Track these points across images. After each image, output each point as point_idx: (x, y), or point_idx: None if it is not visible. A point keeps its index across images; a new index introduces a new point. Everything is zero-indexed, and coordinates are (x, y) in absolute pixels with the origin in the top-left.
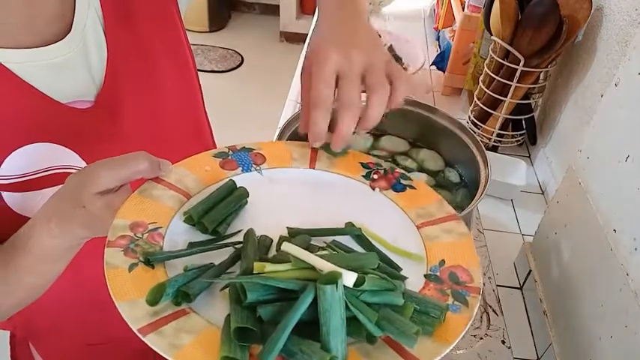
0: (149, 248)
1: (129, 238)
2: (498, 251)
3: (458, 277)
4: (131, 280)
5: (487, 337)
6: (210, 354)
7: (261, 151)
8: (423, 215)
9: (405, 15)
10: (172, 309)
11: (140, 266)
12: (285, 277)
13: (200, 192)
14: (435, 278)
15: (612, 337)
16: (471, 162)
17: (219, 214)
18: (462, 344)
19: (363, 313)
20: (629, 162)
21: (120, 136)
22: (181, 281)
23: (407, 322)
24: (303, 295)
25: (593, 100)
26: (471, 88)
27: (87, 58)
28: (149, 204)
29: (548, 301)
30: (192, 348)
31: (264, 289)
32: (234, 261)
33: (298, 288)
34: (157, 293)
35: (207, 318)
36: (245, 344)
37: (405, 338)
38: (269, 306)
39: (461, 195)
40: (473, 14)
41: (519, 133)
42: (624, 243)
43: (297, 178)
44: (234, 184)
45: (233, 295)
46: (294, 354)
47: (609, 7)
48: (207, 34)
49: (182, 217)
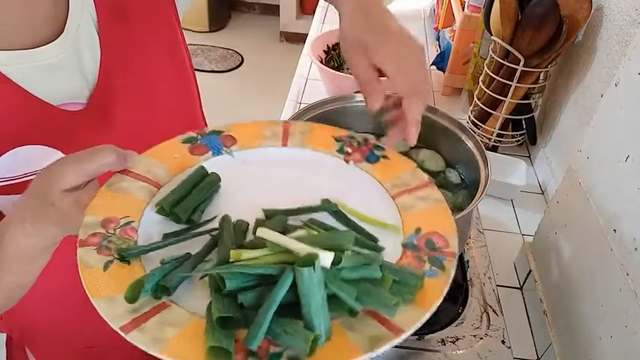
0: (123, 244)
1: (101, 235)
2: (498, 251)
3: (434, 243)
4: (107, 278)
5: (487, 337)
6: (195, 345)
7: (231, 133)
8: (398, 185)
9: (405, 15)
10: (153, 303)
11: (115, 263)
12: (263, 263)
13: (170, 181)
14: (412, 246)
15: (612, 337)
16: (471, 162)
17: (192, 202)
18: (462, 344)
19: (343, 290)
20: (629, 162)
21: (112, 138)
22: (159, 275)
23: (386, 295)
24: (281, 279)
25: (593, 100)
26: (471, 88)
27: (80, 59)
28: (119, 198)
29: (548, 301)
30: (176, 341)
31: (243, 276)
32: (210, 249)
33: (277, 272)
34: (135, 290)
35: (189, 308)
36: (230, 331)
37: (386, 309)
38: (249, 292)
39: (461, 195)
40: (473, 14)
41: (519, 133)
42: (624, 243)
43: (270, 158)
44: (205, 170)
45: (213, 284)
46: (278, 335)
47: (609, 7)
48: (207, 34)
49: (154, 208)
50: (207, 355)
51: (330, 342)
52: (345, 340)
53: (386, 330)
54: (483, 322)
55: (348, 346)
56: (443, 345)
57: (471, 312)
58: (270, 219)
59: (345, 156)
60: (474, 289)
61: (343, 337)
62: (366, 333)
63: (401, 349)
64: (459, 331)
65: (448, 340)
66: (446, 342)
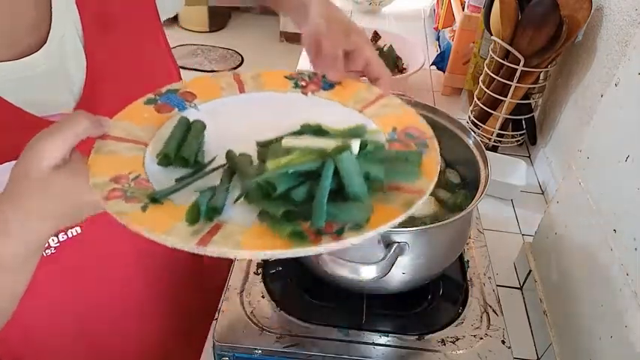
0: (147, 190)
1: (120, 189)
2: (498, 251)
3: (412, 134)
4: (151, 216)
5: (487, 337)
6: (268, 241)
7: (188, 89)
8: (359, 101)
9: (405, 15)
10: (208, 225)
11: (150, 206)
12: (301, 162)
13: (154, 136)
14: (396, 140)
15: (612, 337)
16: (471, 162)
17: (192, 145)
18: (462, 344)
19: (373, 170)
20: (629, 162)
21: None
22: (209, 195)
23: (405, 166)
24: (325, 168)
25: (593, 100)
26: (471, 88)
27: (65, 69)
28: (113, 159)
29: (548, 301)
30: (250, 241)
31: (288, 177)
32: (229, 179)
33: (318, 166)
34: (193, 212)
35: (241, 224)
36: (294, 221)
37: (406, 176)
38: (298, 188)
39: (461, 195)
40: (473, 14)
41: (519, 133)
42: (624, 243)
43: (233, 105)
44: (187, 119)
45: (259, 195)
46: (336, 215)
47: (609, 7)
48: (207, 34)
49: (155, 159)
50: (289, 240)
51: (374, 212)
52: (384, 208)
53: (411, 194)
54: (483, 322)
55: (390, 211)
56: (443, 345)
57: (471, 312)
58: (266, 147)
59: (302, 89)
60: (474, 289)
61: (382, 206)
62: (397, 200)
63: (401, 349)
64: (459, 331)
65: (448, 340)
66: (446, 342)
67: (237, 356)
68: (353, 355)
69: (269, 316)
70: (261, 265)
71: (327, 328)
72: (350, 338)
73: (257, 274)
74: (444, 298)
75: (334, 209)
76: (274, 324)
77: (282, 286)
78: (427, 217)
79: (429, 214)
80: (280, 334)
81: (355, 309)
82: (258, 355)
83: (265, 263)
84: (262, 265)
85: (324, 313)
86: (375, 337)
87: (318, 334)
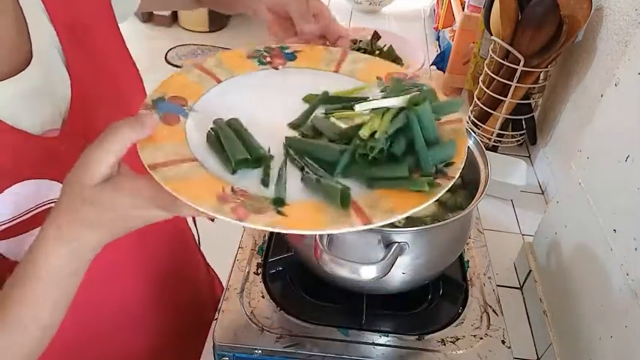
0: (258, 198)
1: (239, 204)
2: (498, 251)
3: (399, 78)
4: (295, 215)
5: (487, 337)
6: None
7: (171, 94)
8: (328, 63)
9: (405, 15)
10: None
11: (283, 209)
12: (390, 121)
13: (193, 149)
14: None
15: (612, 337)
16: (471, 162)
17: (251, 143)
18: (462, 344)
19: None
20: (629, 162)
21: None
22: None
23: (440, 101)
24: (411, 121)
25: (593, 100)
26: (471, 88)
27: (51, 84)
28: (189, 184)
29: (548, 301)
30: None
31: (386, 138)
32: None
33: (405, 122)
34: (345, 198)
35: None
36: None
37: (451, 106)
38: (395, 145)
39: (461, 195)
40: (473, 14)
41: (519, 133)
42: (624, 243)
43: (221, 97)
44: (223, 121)
45: (365, 163)
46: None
47: (609, 7)
48: (207, 34)
49: (227, 169)
50: (427, 194)
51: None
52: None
53: (457, 124)
54: (483, 322)
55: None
56: (443, 345)
57: (471, 312)
58: (301, 126)
59: (270, 65)
60: (474, 289)
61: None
62: (448, 133)
63: (401, 349)
64: (459, 331)
65: (448, 340)
66: (446, 342)
67: (237, 356)
68: (353, 355)
69: (269, 316)
70: (261, 265)
71: (327, 328)
72: (350, 338)
73: (257, 274)
74: (444, 298)
75: (428, 154)
76: (274, 324)
77: (282, 286)
78: (427, 217)
79: (429, 214)
80: (280, 334)
81: (355, 309)
82: (258, 355)
83: (265, 263)
84: (262, 265)
85: (324, 313)
86: (375, 337)
87: (318, 334)
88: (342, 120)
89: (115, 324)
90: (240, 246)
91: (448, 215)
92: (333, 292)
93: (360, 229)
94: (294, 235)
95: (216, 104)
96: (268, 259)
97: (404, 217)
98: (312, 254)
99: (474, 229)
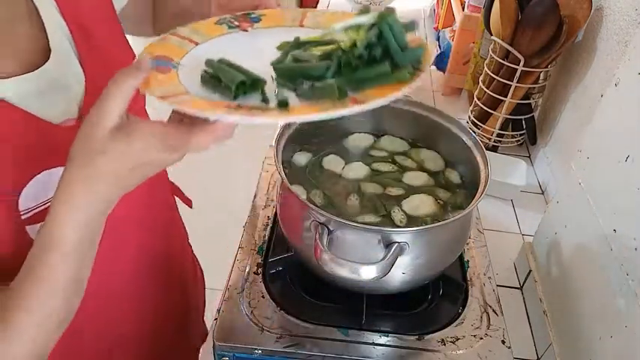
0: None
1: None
2: (498, 251)
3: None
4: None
5: (487, 337)
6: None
7: (158, 53)
8: (292, 20)
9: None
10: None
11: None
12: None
13: (187, 88)
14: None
15: (612, 337)
16: (471, 162)
17: (235, 71)
18: (462, 344)
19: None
20: (629, 162)
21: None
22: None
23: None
24: (384, 31)
25: (593, 100)
26: (471, 88)
27: (67, 77)
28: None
29: (548, 301)
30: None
31: (364, 47)
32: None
33: (377, 33)
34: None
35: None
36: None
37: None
38: (373, 51)
39: (461, 195)
40: (473, 14)
41: (519, 133)
42: (624, 243)
43: (201, 54)
44: (214, 60)
45: (350, 68)
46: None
47: (609, 7)
48: None
49: (232, 93)
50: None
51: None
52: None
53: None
54: (483, 322)
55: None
56: (443, 345)
57: (471, 312)
58: (283, 62)
59: (239, 29)
60: (474, 289)
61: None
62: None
63: (401, 349)
64: (459, 331)
65: (448, 340)
66: (446, 342)
67: (237, 356)
68: (353, 355)
69: (269, 316)
70: (261, 265)
71: (327, 328)
72: (350, 338)
73: (257, 274)
74: (444, 298)
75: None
76: (274, 324)
77: (282, 286)
78: (427, 217)
79: (429, 214)
80: (280, 334)
81: (355, 309)
82: (258, 355)
83: (265, 263)
84: (262, 265)
85: (324, 313)
86: (375, 337)
87: (318, 334)
88: (320, 50)
89: (112, 306)
90: (240, 246)
91: (448, 215)
92: (333, 292)
93: (356, 111)
94: (294, 235)
95: (200, 59)
96: (268, 259)
97: (392, 99)
98: (312, 254)
99: (474, 229)
